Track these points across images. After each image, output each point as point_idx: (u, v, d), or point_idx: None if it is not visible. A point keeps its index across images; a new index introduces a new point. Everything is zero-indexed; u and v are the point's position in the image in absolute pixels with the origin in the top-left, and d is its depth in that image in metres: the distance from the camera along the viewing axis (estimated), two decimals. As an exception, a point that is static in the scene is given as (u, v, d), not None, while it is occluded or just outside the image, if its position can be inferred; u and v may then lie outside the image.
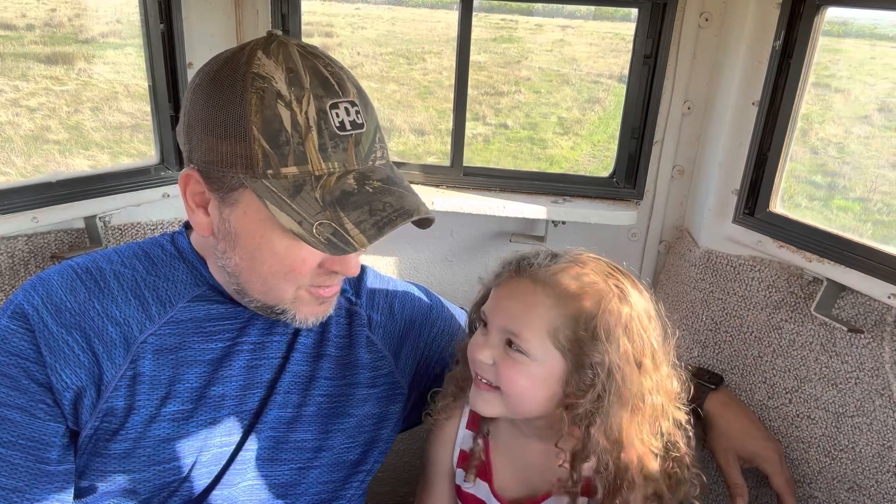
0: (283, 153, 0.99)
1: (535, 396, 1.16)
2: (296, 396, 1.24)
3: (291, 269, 1.08)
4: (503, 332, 1.16)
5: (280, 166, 1.00)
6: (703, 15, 1.71)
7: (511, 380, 1.15)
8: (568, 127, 11.82)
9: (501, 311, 1.18)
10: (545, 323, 1.13)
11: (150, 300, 1.14)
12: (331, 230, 0.99)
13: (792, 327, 1.57)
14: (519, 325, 1.15)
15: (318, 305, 1.16)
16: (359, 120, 1.05)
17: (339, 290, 1.20)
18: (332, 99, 1.02)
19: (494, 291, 1.21)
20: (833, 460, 1.51)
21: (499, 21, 14.76)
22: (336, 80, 1.04)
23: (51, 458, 1.06)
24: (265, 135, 0.99)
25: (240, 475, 1.19)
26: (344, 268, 1.11)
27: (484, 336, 1.20)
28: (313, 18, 2.79)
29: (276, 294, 1.12)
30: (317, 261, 1.09)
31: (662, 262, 1.94)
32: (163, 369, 1.12)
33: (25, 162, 8.82)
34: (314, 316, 1.17)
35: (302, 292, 1.12)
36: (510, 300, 1.17)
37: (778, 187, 1.61)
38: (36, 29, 11.97)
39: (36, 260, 1.59)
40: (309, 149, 1.00)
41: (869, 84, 9.91)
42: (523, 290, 1.16)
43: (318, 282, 1.12)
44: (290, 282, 1.10)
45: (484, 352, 1.18)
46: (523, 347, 1.14)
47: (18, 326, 1.06)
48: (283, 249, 1.06)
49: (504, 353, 1.16)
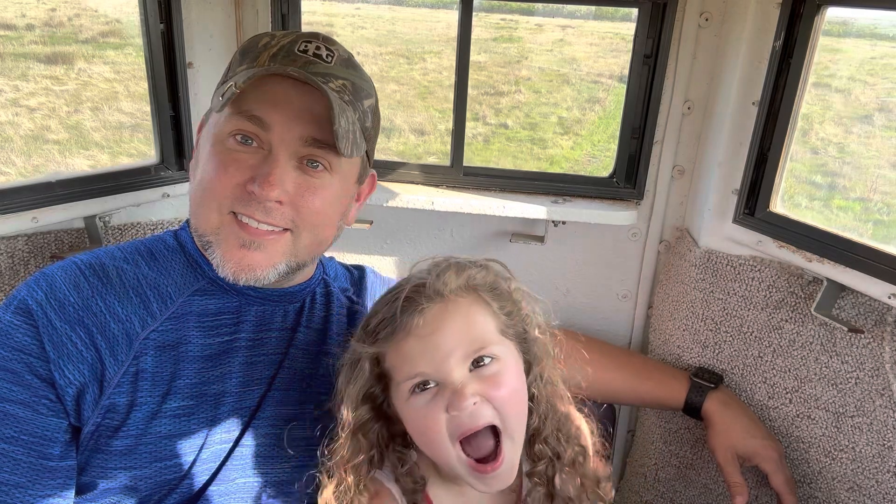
0: (244, 58, 1.16)
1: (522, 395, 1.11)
2: (296, 394, 1.24)
3: (215, 175, 1.11)
4: (466, 358, 1.05)
5: (237, 67, 1.16)
6: (703, 15, 1.71)
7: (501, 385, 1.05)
8: (568, 127, 11.82)
9: (447, 345, 1.04)
10: (492, 320, 1.10)
11: (152, 297, 1.14)
12: (228, 90, 1.06)
13: (792, 327, 1.57)
14: (479, 336, 1.07)
15: (239, 247, 1.12)
16: (326, 58, 1.14)
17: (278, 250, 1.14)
18: (310, 39, 1.15)
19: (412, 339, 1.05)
20: (833, 460, 1.51)
21: (499, 21, 14.75)
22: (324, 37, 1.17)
23: (53, 454, 1.06)
24: (241, 50, 1.18)
25: (238, 471, 1.19)
26: (259, 184, 1.08)
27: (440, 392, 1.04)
28: (313, 18, 2.79)
29: (203, 213, 1.13)
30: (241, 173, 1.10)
31: (662, 262, 1.94)
32: (164, 366, 1.12)
33: (25, 162, 8.82)
34: (235, 263, 1.12)
35: (225, 219, 1.12)
36: (449, 325, 1.05)
37: (778, 187, 1.61)
38: (36, 29, 11.97)
39: (36, 260, 1.59)
40: (263, 55, 1.14)
41: (869, 84, 9.91)
42: (452, 309, 1.06)
43: (238, 206, 1.11)
44: (213, 194, 1.12)
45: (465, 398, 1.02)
46: (494, 352, 1.07)
47: (22, 322, 1.07)
48: (215, 153, 1.12)
49: (479, 377, 1.05)
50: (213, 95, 1.23)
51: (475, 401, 1.03)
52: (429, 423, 1.05)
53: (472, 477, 1.06)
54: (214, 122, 1.15)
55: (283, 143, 1.10)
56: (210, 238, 1.13)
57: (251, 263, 1.12)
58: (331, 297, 1.32)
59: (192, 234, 1.19)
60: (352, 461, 1.11)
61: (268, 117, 1.09)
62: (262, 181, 1.08)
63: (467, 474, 1.06)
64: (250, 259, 1.12)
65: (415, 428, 1.08)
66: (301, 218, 1.14)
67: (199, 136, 1.24)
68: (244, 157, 1.11)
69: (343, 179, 1.19)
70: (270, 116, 1.09)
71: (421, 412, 1.05)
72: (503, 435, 1.06)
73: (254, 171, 1.10)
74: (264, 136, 1.10)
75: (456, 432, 1.04)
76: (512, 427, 1.07)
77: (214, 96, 1.19)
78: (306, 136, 1.11)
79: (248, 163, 1.11)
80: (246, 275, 1.13)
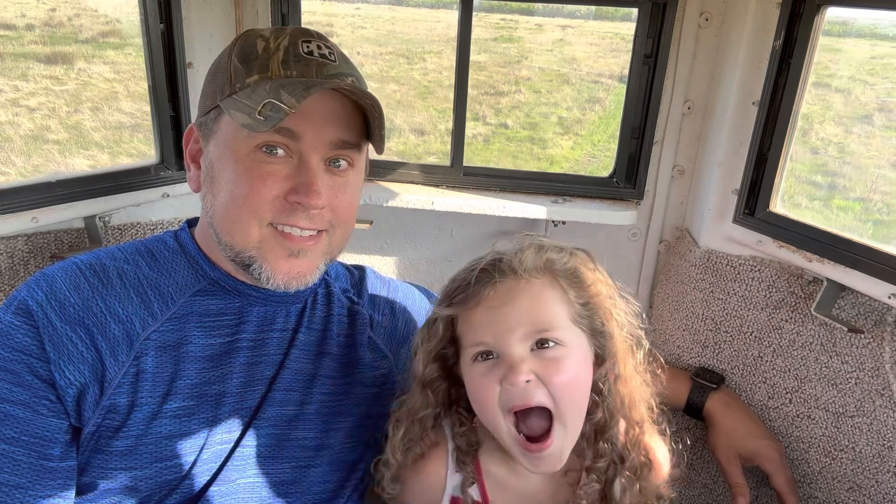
0: (249, 67, 1.11)
1: (583, 387, 1.11)
2: (297, 394, 1.24)
3: (251, 190, 1.09)
4: (529, 337, 1.07)
5: (245, 77, 1.11)
6: (703, 15, 1.71)
7: (561, 371, 1.06)
8: (568, 127, 11.82)
9: (512, 320, 1.07)
10: (564, 306, 1.11)
11: (153, 297, 1.14)
12: (269, 107, 1.04)
13: (792, 327, 1.57)
14: (546, 318, 1.08)
15: (287, 257, 1.13)
16: (330, 57, 1.13)
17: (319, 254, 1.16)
18: (307, 38, 1.13)
19: (480, 309, 1.09)
20: (833, 460, 1.51)
21: (499, 21, 14.75)
22: (316, 33, 1.16)
23: (53, 454, 1.06)
24: (238, 57, 1.13)
25: (238, 472, 1.19)
26: (304, 195, 1.09)
27: (498, 364, 1.07)
28: (313, 18, 2.81)
29: (240, 230, 1.12)
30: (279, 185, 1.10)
31: (662, 262, 1.94)
32: (165, 366, 1.12)
33: (25, 162, 8.82)
34: (285, 274, 1.13)
35: (267, 232, 1.12)
36: (513, 303, 1.08)
37: (778, 187, 1.61)
38: (36, 29, 11.97)
39: (36, 260, 1.59)
40: (273, 62, 1.11)
41: (869, 84, 9.91)
42: (524, 287, 1.09)
43: (281, 219, 1.11)
44: (251, 210, 1.10)
45: (520, 372, 1.04)
46: (560, 337, 1.08)
47: (22, 322, 1.06)
48: (244, 168, 1.10)
49: (539, 358, 1.06)
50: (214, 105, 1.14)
51: (529, 378, 1.05)
52: (484, 391, 1.08)
53: (518, 453, 1.09)
54: (231, 136, 1.11)
55: (314, 149, 1.11)
56: (252, 253, 1.13)
57: (301, 271, 1.15)
58: (332, 297, 1.32)
59: (223, 249, 1.16)
60: (418, 413, 1.18)
61: (298, 128, 1.09)
62: (306, 191, 1.09)
63: (516, 449, 1.09)
64: (299, 267, 1.14)
65: (472, 394, 1.12)
66: (337, 218, 1.16)
67: (193, 148, 1.21)
68: (276, 168, 1.10)
69: (359, 173, 1.21)
70: (300, 127, 1.09)
71: (479, 380, 1.09)
72: (555, 420, 1.07)
73: (291, 182, 1.10)
74: (293, 145, 1.10)
75: (507, 405, 1.07)
76: (565, 414, 1.08)
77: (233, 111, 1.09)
78: (336, 140, 1.12)
79: (282, 173, 1.10)
80: (297, 282, 1.15)
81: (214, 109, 1.14)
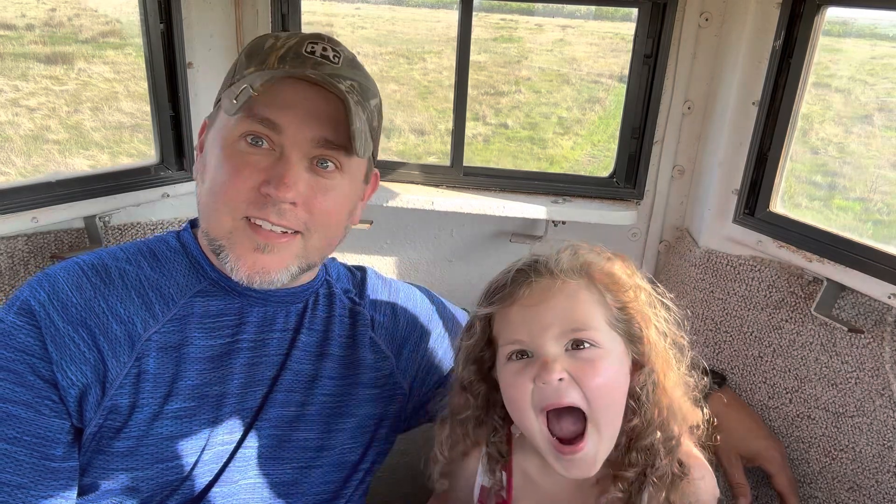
0: (251, 61, 1.15)
1: (619, 391, 1.10)
2: (298, 395, 1.24)
3: (228, 179, 1.10)
4: (563, 336, 1.07)
5: (244, 69, 1.15)
6: (703, 15, 1.71)
7: (596, 373, 1.05)
8: (568, 127, 11.82)
9: (546, 319, 1.07)
10: (600, 309, 1.10)
11: (154, 298, 1.14)
12: (244, 93, 1.05)
13: (792, 327, 1.57)
14: (581, 318, 1.08)
15: (252, 250, 1.11)
16: (333, 59, 1.14)
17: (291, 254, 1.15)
18: (315, 40, 1.15)
19: (516, 309, 1.10)
20: (833, 460, 1.51)
21: (499, 21, 14.75)
22: (329, 38, 1.17)
23: (55, 454, 1.06)
24: (246, 52, 1.18)
25: (240, 472, 1.19)
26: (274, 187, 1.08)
27: (532, 363, 1.08)
28: (313, 18, 2.81)
29: (215, 219, 1.12)
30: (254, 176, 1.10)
31: (662, 262, 1.94)
32: (166, 367, 1.12)
33: (25, 162, 8.82)
34: (249, 267, 1.12)
35: (239, 224, 1.11)
36: (548, 303, 1.08)
37: (778, 187, 1.61)
38: (36, 29, 11.96)
39: (36, 260, 1.59)
40: (271, 57, 1.14)
41: (869, 84, 9.91)
42: (560, 287, 1.09)
43: (253, 211, 1.10)
44: (226, 199, 1.11)
45: (553, 370, 1.04)
46: (595, 339, 1.07)
47: (25, 322, 1.07)
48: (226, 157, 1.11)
49: (574, 358, 1.06)
50: (220, 97, 1.20)
51: (562, 377, 1.05)
52: (517, 390, 1.08)
53: (551, 455, 1.09)
54: (223, 124, 1.14)
55: (296, 144, 1.10)
56: (223, 242, 1.12)
57: (265, 266, 1.12)
58: (333, 298, 1.32)
59: (202, 237, 1.18)
60: (459, 414, 1.20)
61: (279, 120, 1.09)
62: (276, 183, 1.08)
63: (548, 451, 1.09)
64: (263, 262, 1.12)
65: (506, 393, 1.12)
66: (313, 220, 1.14)
67: (202, 138, 1.23)
68: (256, 159, 1.10)
69: (352, 179, 1.19)
70: (282, 119, 1.09)
71: (513, 378, 1.09)
72: (589, 423, 1.06)
73: (267, 174, 1.09)
74: (276, 138, 1.10)
75: (540, 404, 1.07)
76: (600, 418, 1.07)
77: (224, 98, 1.14)
78: (318, 138, 1.11)
79: (260, 165, 1.10)
80: (260, 277, 1.13)
81: (218, 102, 1.18)
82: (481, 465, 1.22)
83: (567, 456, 1.07)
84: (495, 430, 1.21)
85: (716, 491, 1.19)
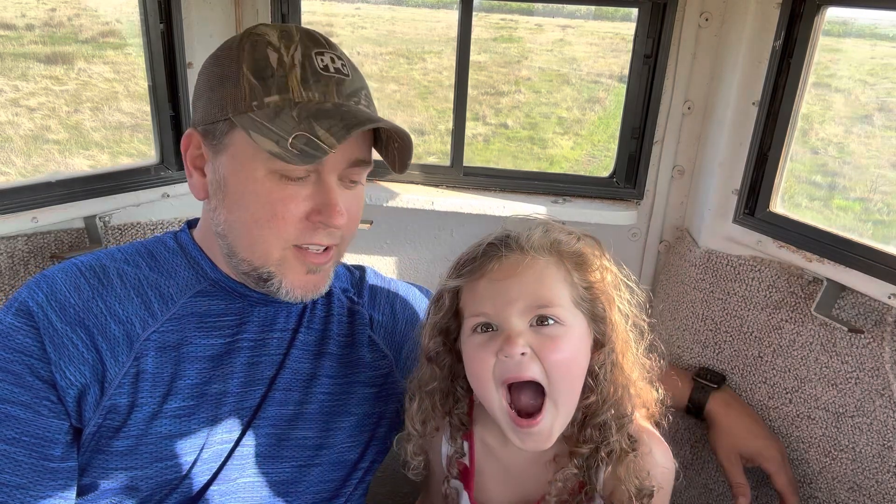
0: (266, 85, 1.06)
1: (579, 368, 1.12)
2: (297, 394, 1.24)
3: (274, 214, 1.08)
4: (529, 311, 1.08)
5: (264, 96, 1.06)
6: (703, 15, 1.71)
7: (557, 349, 1.07)
8: (568, 127, 11.83)
9: (512, 293, 1.09)
10: (567, 287, 1.12)
11: (153, 297, 1.14)
12: (304, 140, 1.02)
13: (792, 327, 1.57)
14: (547, 295, 1.09)
15: (305, 274, 1.13)
16: (344, 71, 1.11)
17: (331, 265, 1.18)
18: (318, 48, 1.09)
19: (483, 282, 1.11)
20: (833, 460, 1.51)
21: (499, 21, 14.75)
22: (324, 39, 1.11)
23: (54, 454, 1.06)
24: (252, 71, 1.07)
25: (238, 471, 1.19)
26: (328, 214, 1.09)
27: (496, 338, 1.09)
28: (313, 18, 2.81)
29: (262, 250, 1.11)
30: (301, 207, 1.09)
31: (662, 262, 1.94)
32: (165, 366, 1.12)
33: (25, 162, 8.82)
34: (302, 288, 1.14)
35: (288, 252, 1.12)
36: (516, 278, 1.09)
37: (778, 187, 1.61)
38: (36, 29, 11.97)
39: (36, 260, 1.59)
40: (291, 80, 1.06)
41: (869, 84, 9.91)
42: (528, 263, 1.10)
43: (304, 239, 1.11)
44: (275, 232, 1.10)
45: (515, 344, 1.06)
46: (559, 315, 1.09)
47: (23, 323, 1.07)
48: (265, 192, 1.08)
49: (538, 334, 1.08)
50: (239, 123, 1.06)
51: (524, 351, 1.07)
52: (479, 363, 1.10)
53: (508, 427, 1.11)
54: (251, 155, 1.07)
55: (334, 169, 1.11)
56: (272, 270, 1.13)
57: (316, 284, 1.17)
58: (332, 297, 1.32)
59: (238, 262, 1.15)
60: (426, 386, 1.21)
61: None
62: (329, 212, 1.09)
63: (506, 423, 1.11)
64: (315, 281, 1.16)
65: (468, 364, 1.14)
66: (349, 229, 1.17)
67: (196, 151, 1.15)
68: (297, 189, 1.09)
69: (364, 181, 1.22)
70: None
71: (476, 351, 1.11)
72: (547, 397, 1.09)
73: (313, 201, 1.09)
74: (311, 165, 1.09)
75: (501, 377, 1.08)
76: (558, 393, 1.09)
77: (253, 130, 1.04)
78: (352, 159, 1.12)
79: (302, 193, 1.09)
80: (312, 294, 1.17)
81: (225, 121, 1.09)
82: (445, 435, 1.26)
83: (524, 429, 1.09)
84: (458, 400, 1.23)
85: (669, 462, 1.21)
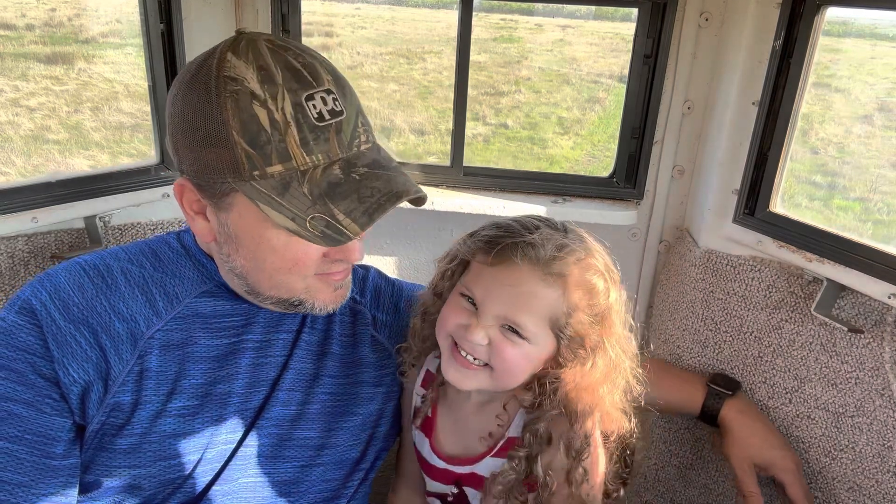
0: (265, 153, 1.00)
1: (524, 372, 1.17)
2: (299, 394, 1.24)
3: (295, 264, 1.10)
4: (506, 319, 1.13)
5: (265, 166, 1.00)
6: (703, 15, 1.71)
7: (508, 358, 1.14)
8: (568, 127, 11.84)
9: (501, 299, 1.13)
10: (549, 312, 1.13)
11: (157, 296, 1.15)
12: (323, 223, 1.01)
13: (792, 327, 1.57)
14: (522, 314, 1.12)
15: (334, 291, 1.17)
16: (337, 108, 1.04)
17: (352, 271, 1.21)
18: (307, 91, 1.02)
19: (489, 271, 1.15)
20: (833, 460, 1.51)
21: (499, 21, 14.76)
22: (309, 71, 1.03)
23: (56, 452, 1.06)
24: (245, 137, 0.99)
25: (240, 471, 1.19)
26: (347, 254, 1.13)
27: (472, 314, 1.15)
28: (313, 18, 2.79)
29: (286, 288, 1.13)
30: (318, 252, 1.10)
31: (662, 262, 1.94)
32: (169, 365, 1.12)
33: (25, 162, 8.83)
34: (333, 302, 1.18)
35: (311, 281, 1.13)
36: (512, 288, 1.12)
37: (778, 187, 1.61)
38: (36, 29, 11.98)
39: (36, 260, 1.59)
40: (290, 144, 1.00)
41: (869, 84, 9.92)
42: (527, 278, 1.11)
43: (324, 269, 1.13)
44: (297, 275, 1.11)
45: (477, 333, 1.13)
46: (525, 334, 1.13)
47: (26, 322, 1.07)
48: (282, 246, 1.07)
49: (500, 334, 1.14)
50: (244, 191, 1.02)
51: (484, 343, 1.14)
52: (447, 319, 1.19)
53: (446, 358, 1.19)
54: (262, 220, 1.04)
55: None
56: (300, 297, 1.15)
57: (343, 296, 1.21)
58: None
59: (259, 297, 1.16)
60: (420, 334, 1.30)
61: None
62: (348, 254, 1.12)
63: (447, 355, 1.19)
64: (342, 294, 1.20)
65: (442, 311, 1.22)
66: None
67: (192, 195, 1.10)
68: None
69: None
70: None
71: (452, 306, 1.20)
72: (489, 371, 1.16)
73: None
74: None
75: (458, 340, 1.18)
76: (497, 379, 1.17)
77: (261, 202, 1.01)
78: None
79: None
80: (342, 301, 1.21)
81: (224, 183, 1.03)
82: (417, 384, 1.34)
83: (458, 362, 1.16)
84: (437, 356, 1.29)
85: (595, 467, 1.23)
